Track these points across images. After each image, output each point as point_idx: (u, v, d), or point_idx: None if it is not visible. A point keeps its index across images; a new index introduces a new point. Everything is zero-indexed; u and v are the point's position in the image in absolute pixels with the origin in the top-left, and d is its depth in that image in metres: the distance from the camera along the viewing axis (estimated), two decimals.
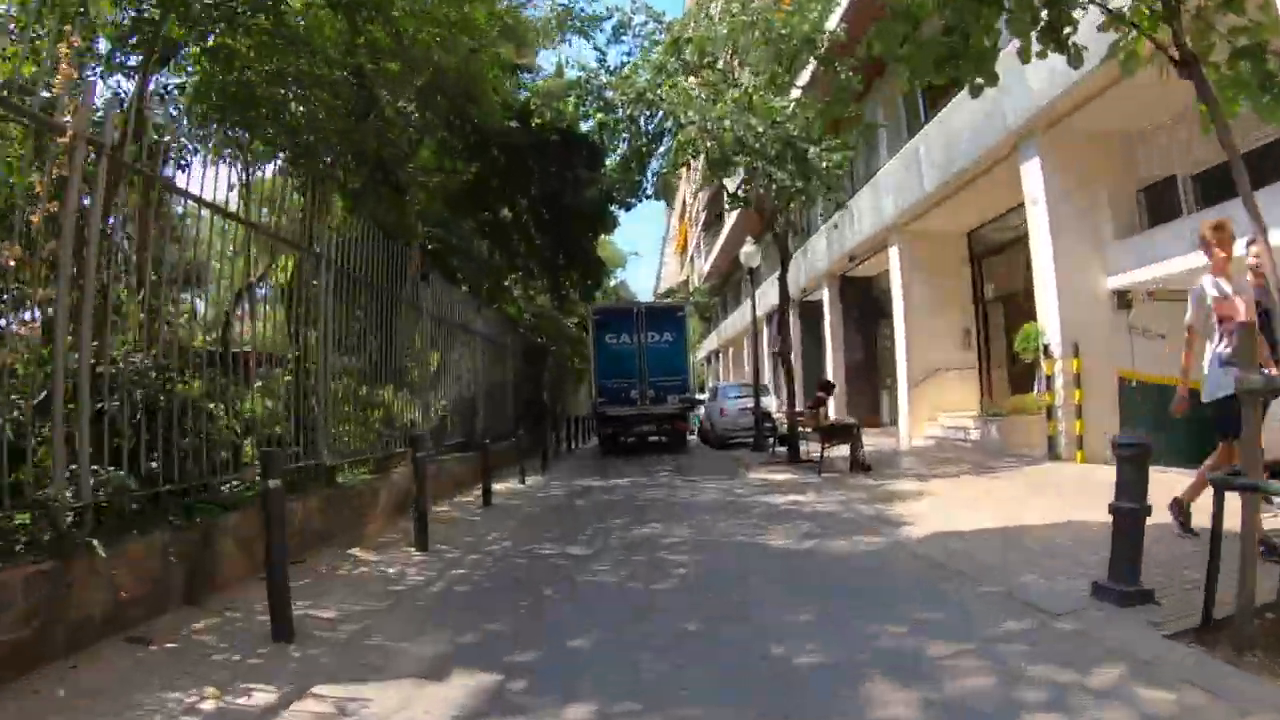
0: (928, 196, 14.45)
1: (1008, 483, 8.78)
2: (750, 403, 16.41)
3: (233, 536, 4.68)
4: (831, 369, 20.78)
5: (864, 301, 21.58)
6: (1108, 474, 9.31)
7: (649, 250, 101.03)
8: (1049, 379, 11.11)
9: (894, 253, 16.48)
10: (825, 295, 21.58)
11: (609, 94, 10.28)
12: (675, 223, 63.58)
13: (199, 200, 5.39)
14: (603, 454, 19.16)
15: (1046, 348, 11.11)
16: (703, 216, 43.09)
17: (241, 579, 4.62)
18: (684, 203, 56.32)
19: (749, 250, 15.34)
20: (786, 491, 8.99)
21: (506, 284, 19.78)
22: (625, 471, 13.20)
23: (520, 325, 19.36)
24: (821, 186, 9.52)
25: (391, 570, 5.15)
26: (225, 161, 6.63)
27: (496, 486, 10.39)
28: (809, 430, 10.61)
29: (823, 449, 10.13)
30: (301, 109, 7.04)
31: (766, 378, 23.84)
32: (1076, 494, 7.68)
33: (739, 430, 17.63)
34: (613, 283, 41.95)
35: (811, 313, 23.71)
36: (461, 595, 4.57)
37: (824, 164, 9.46)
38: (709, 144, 9.31)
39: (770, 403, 18.70)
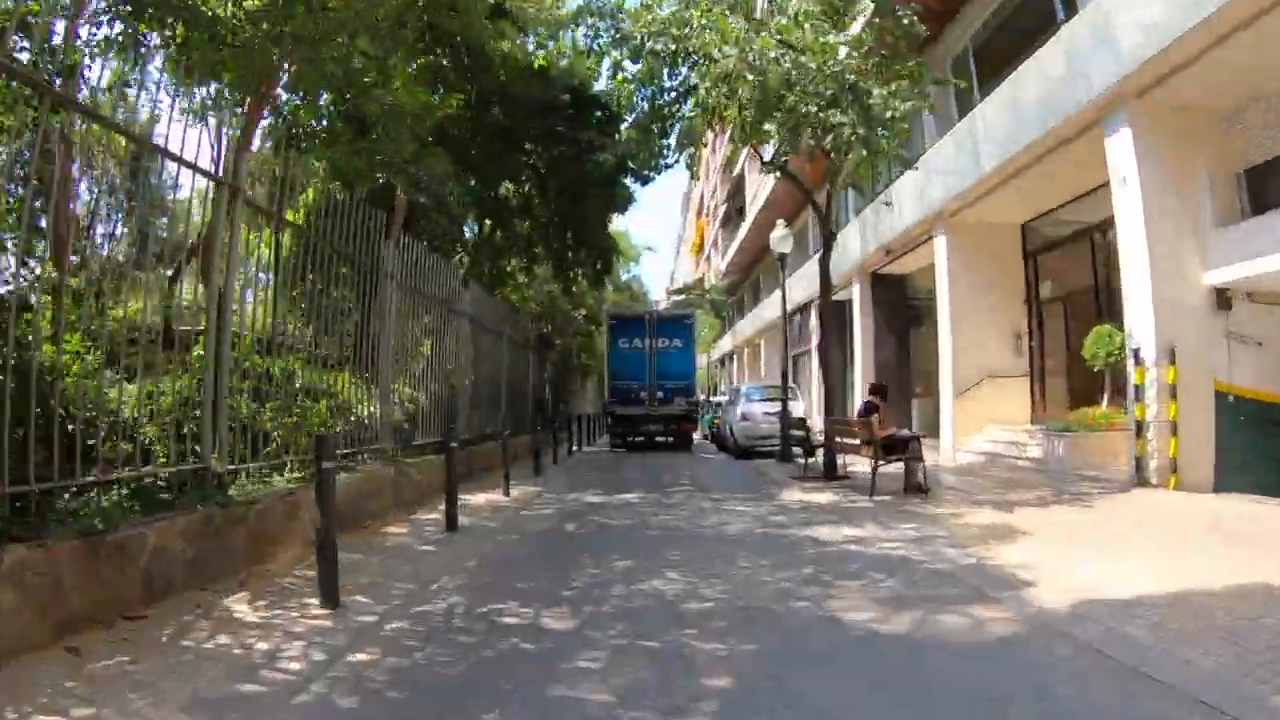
0: (985, 179, 12.70)
1: (1109, 517, 6.99)
2: (777, 407, 14.55)
3: (13, 584, 3.00)
4: (860, 374, 18.99)
5: (896, 301, 19.84)
6: (1221, 506, 7.63)
7: (664, 246, 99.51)
8: (1138, 389, 9.37)
9: (940, 245, 14.72)
10: (855, 294, 19.80)
11: (625, 25, 8.51)
12: (691, 219, 62.10)
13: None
14: (611, 449, 20.14)
15: (1136, 353, 9.38)
16: (721, 211, 41.40)
17: (20, 652, 2.95)
18: (701, 200, 54.85)
19: (780, 234, 13.56)
20: (837, 521, 7.13)
21: (510, 268, 18.13)
22: (634, 483, 11.19)
23: (523, 312, 17.69)
24: (886, 136, 7.70)
25: (263, 645, 3.31)
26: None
27: (475, 499, 8.62)
28: (860, 443, 8.76)
29: (875, 466, 8.29)
30: None
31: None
32: (1211, 536, 5.96)
33: (765, 438, 15.68)
34: (625, 277, 40.33)
35: (837, 313, 21.92)
36: (342, 718, 2.70)
37: (889, 112, 7.68)
38: (750, 79, 7.52)
39: (797, 407, 16.81)
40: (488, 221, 15.68)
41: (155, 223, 5.20)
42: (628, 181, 14.72)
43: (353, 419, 6.73)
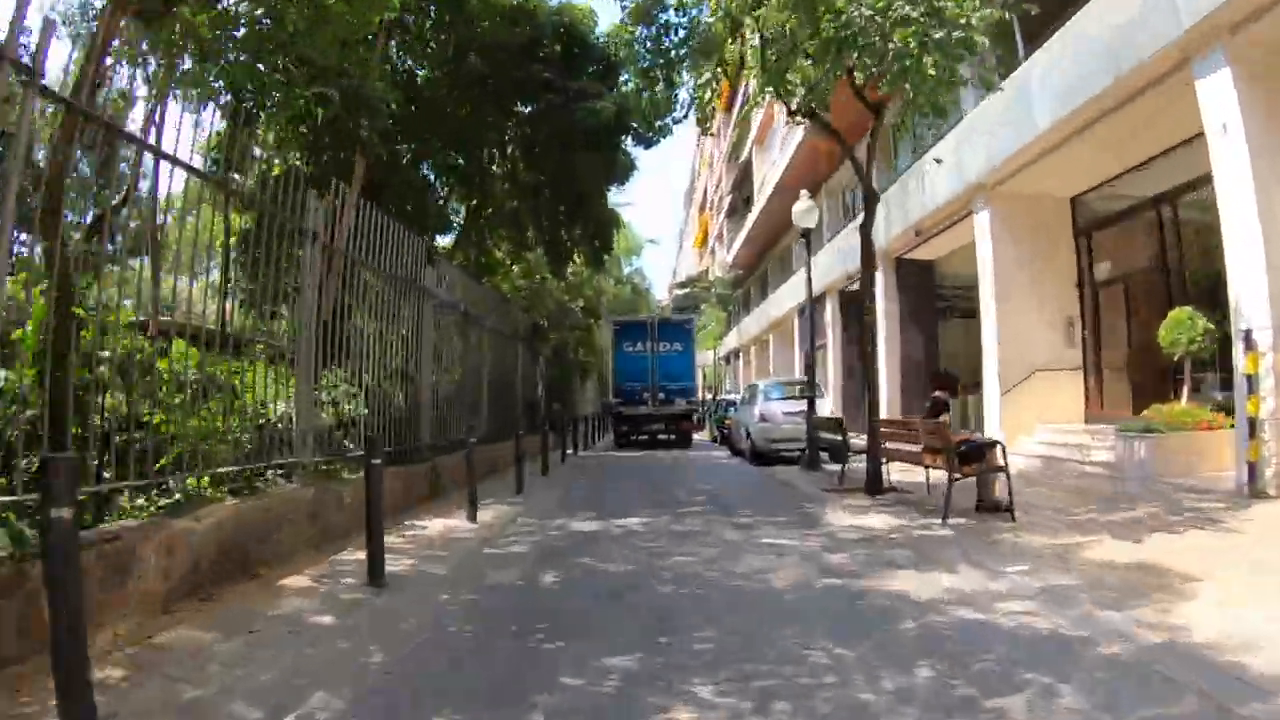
0: (1041, 138, 11.01)
1: (1262, 544, 5.27)
2: (799, 406, 12.76)
3: None
4: (885, 368, 17.24)
5: (923, 289, 18.22)
6: None
7: (666, 242, 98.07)
8: (1250, 380, 7.74)
9: (981, 220, 13.05)
10: (879, 280, 18.08)
11: None
12: (694, 214, 60.64)
13: None
14: (616, 446, 20.95)
15: (1248, 335, 7.76)
16: (726, 203, 39.72)
17: None
18: (704, 193, 53.26)
19: (804, 207, 11.86)
20: (918, 561, 5.18)
21: (499, 254, 16.42)
22: (637, 500, 9.06)
23: (512, 301, 15.95)
24: (964, 39, 5.90)
25: None
26: None
27: (432, 526, 6.80)
28: (924, 450, 6.90)
29: (950, 482, 6.44)
30: None
31: (797, 373, 20.59)
32: None
33: (786, 441, 13.92)
34: (627, 270, 38.68)
35: (853, 303, 20.27)
36: None
37: (963, 19, 5.95)
38: None
39: (824, 405, 15.01)
40: (473, 201, 14.00)
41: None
42: (628, 146, 12.90)
43: (263, 423, 5.05)
